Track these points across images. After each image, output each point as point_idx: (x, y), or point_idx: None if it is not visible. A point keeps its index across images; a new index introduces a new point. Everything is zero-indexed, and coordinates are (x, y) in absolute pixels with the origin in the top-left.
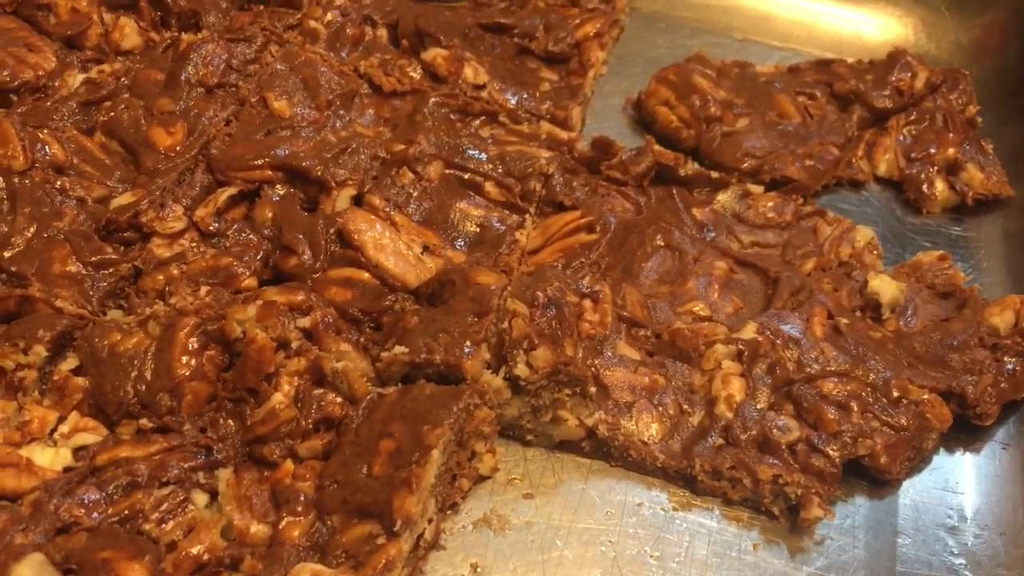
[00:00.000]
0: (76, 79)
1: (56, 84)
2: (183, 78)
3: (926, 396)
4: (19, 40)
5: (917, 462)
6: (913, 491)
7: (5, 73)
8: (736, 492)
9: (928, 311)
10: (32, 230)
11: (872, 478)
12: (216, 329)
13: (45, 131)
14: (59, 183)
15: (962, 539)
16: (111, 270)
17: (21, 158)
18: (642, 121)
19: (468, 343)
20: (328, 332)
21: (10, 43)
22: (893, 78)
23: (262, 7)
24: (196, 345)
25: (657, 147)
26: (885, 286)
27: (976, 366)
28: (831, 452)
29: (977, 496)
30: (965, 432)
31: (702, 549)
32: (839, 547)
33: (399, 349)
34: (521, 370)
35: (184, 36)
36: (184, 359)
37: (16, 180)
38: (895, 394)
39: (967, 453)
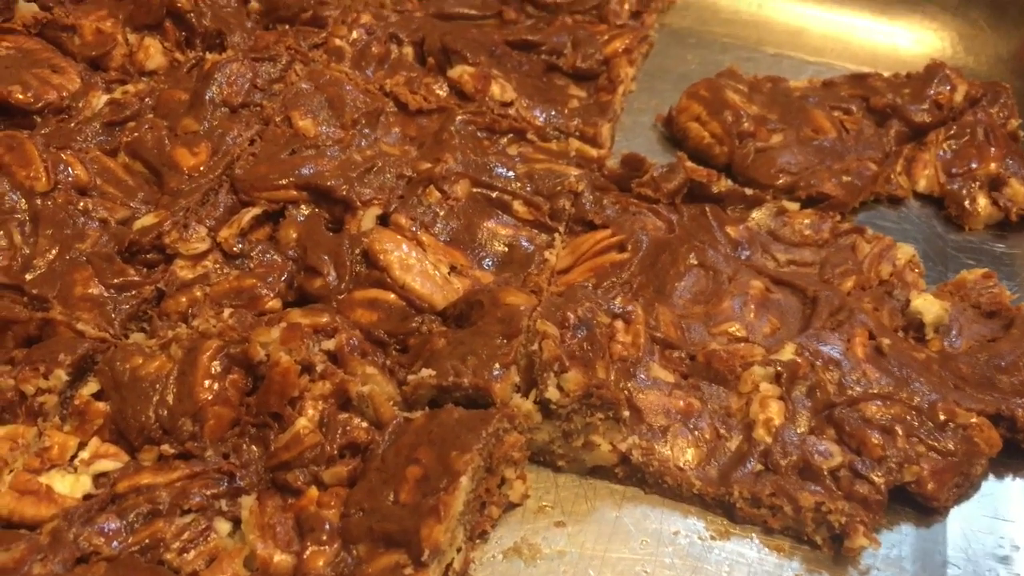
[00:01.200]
0: (100, 100)
1: (80, 105)
2: (207, 98)
3: (974, 420)
4: (43, 62)
5: (966, 488)
6: (962, 519)
7: (29, 94)
8: (777, 520)
9: (973, 331)
10: (54, 252)
11: (919, 506)
12: (239, 352)
13: (68, 152)
14: (82, 204)
15: (1014, 569)
16: (133, 292)
17: (44, 179)
18: (673, 138)
19: (497, 365)
20: (353, 355)
21: (34, 64)
22: (931, 92)
23: (287, 27)
24: (219, 369)
25: (689, 163)
26: (928, 305)
27: None
28: (876, 478)
29: None
30: (1016, 457)
31: None
32: (886, 574)
33: (426, 372)
34: (552, 393)
35: (209, 56)
36: (207, 383)
37: (39, 202)
38: (942, 418)
39: (1018, 479)
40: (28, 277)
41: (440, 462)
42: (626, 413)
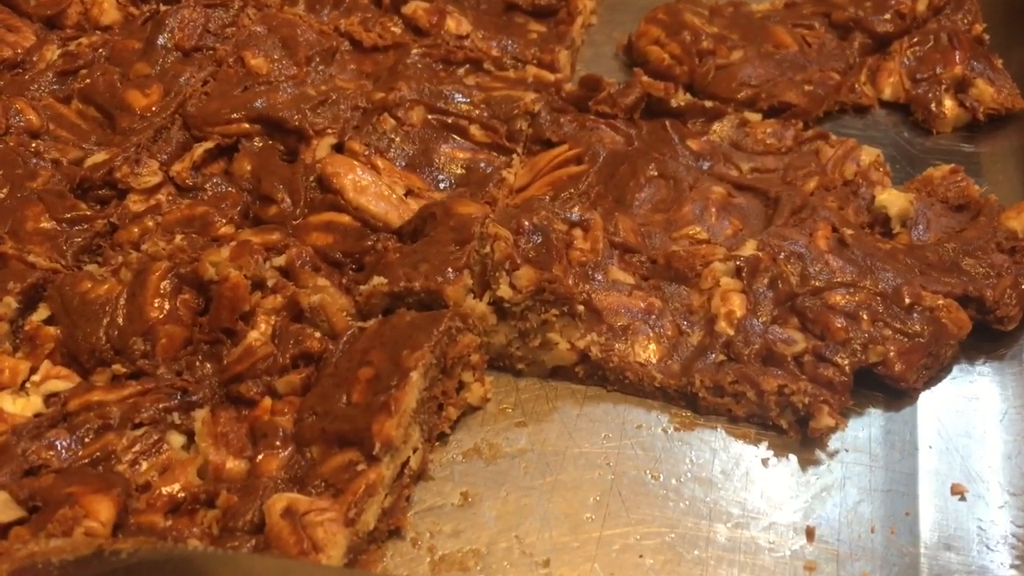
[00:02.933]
0: (54, 53)
1: (34, 59)
2: (159, 44)
3: (941, 301)
4: None
5: (935, 370)
6: (934, 401)
7: None
8: (741, 407)
9: (941, 224)
10: (5, 191)
11: (889, 391)
12: (189, 272)
13: (21, 100)
14: (34, 146)
15: (991, 445)
16: (86, 226)
17: None
18: (634, 65)
19: (449, 269)
20: (304, 269)
21: None
22: (893, 1)
23: None
24: (169, 288)
25: (646, 78)
26: (893, 199)
27: (994, 270)
28: (840, 360)
29: (1002, 402)
30: (987, 340)
31: (707, 467)
32: (855, 459)
33: (377, 279)
34: (504, 291)
35: (163, 8)
36: (157, 303)
37: None
38: (907, 301)
39: (989, 362)
40: None
41: (392, 361)
42: (581, 308)
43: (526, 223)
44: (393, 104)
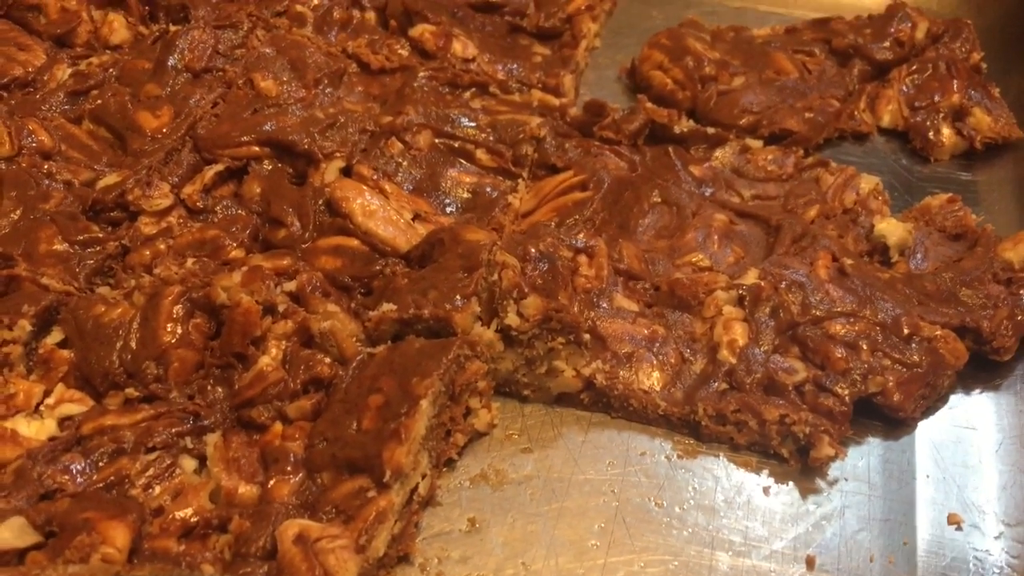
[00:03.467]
0: (65, 72)
1: (45, 78)
2: (169, 64)
3: (939, 332)
4: (9, 41)
5: (932, 400)
6: (931, 431)
7: None
8: (743, 436)
9: (939, 253)
10: (18, 213)
11: (887, 420)
12: (201, 296)
13: (33, 120)
14: (46, 167)
15: (987, 475)
16: (98, 248)
17: (7, 145)
18: (637, 89)
19: (458, 297)
20: (315, 295)
21: (0, 44)
22: (892, 29)
23: None
24: (181, 313)
25: (649, 105)
26: (892, 228)
27: (991, 301)
28: (840, 391)
29: (998, 432)
30: (984, 370)
31: (709, 495)
32: (854, 488)
33: (387, 306)
34: (512, 319)
35: (172, 28)
36: (169, 327)
37: (2, 166)
38: (906, 331)
39: (986, 391)
40: None
41: (401, 388)
42: (587, 336)
43: (533, 251)
44: (401, 128)
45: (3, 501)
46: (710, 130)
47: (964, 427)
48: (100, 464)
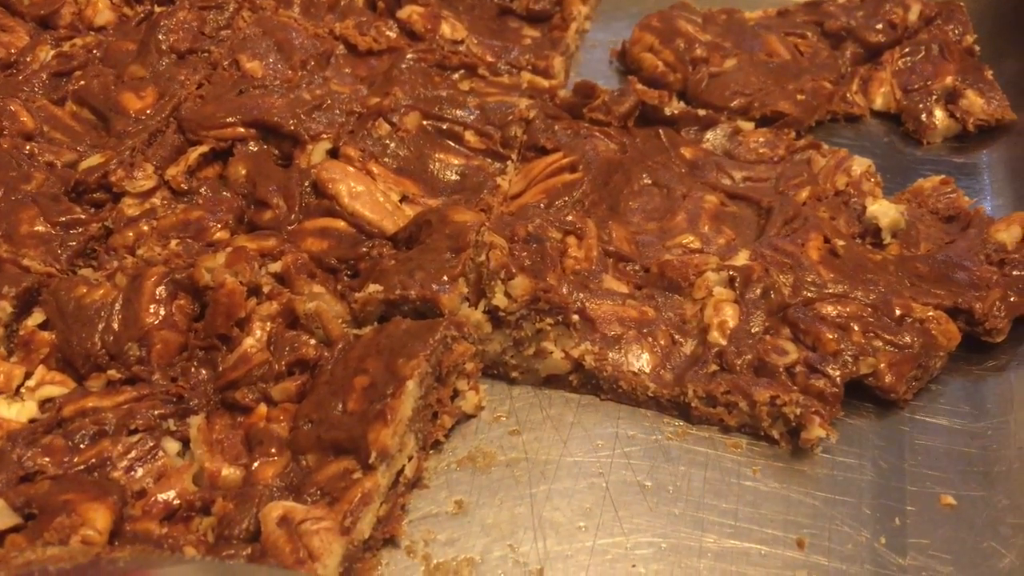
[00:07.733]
0: (48, 53)
1: (28, 59)
2: (154, 46)
3: (931, 313)
4: None
5: (924, 381)
6: (923, 412)
7: None
8: (733, 418)
9: (931, 234)
10: None
11: (879, 401)
12: (185, 277)
13: (14, 101)
14: (28, 148)
15: (978, 456)
16: (80, 229)
17: None
18: (628, 71)
19: (445, 278)
20: (300, 275)
21: None
22: (885, 12)
23: None
24: (164, 294)
25: (640, 86)
26: (885, 209)
27: (983, 282)
28: (831, 372)
29: (991, 416)
30: (976, 352)
31: (699, 477)
32: (845, 467)
33: (373, 287)
34: (499, 300)
35: (158, 9)
36: (152, 308)
37: None
38: (898, 313)
39: (978, 372)
40: None
41: (387, 369)
42: (575, 318)
43: (521, 231)
44: (388, 109)
45: None
46: (701, 112)
47: (955, 409)
48: (81, 446)
